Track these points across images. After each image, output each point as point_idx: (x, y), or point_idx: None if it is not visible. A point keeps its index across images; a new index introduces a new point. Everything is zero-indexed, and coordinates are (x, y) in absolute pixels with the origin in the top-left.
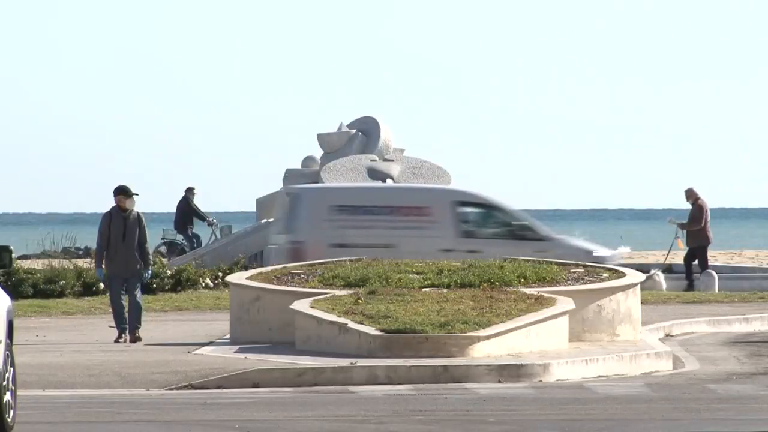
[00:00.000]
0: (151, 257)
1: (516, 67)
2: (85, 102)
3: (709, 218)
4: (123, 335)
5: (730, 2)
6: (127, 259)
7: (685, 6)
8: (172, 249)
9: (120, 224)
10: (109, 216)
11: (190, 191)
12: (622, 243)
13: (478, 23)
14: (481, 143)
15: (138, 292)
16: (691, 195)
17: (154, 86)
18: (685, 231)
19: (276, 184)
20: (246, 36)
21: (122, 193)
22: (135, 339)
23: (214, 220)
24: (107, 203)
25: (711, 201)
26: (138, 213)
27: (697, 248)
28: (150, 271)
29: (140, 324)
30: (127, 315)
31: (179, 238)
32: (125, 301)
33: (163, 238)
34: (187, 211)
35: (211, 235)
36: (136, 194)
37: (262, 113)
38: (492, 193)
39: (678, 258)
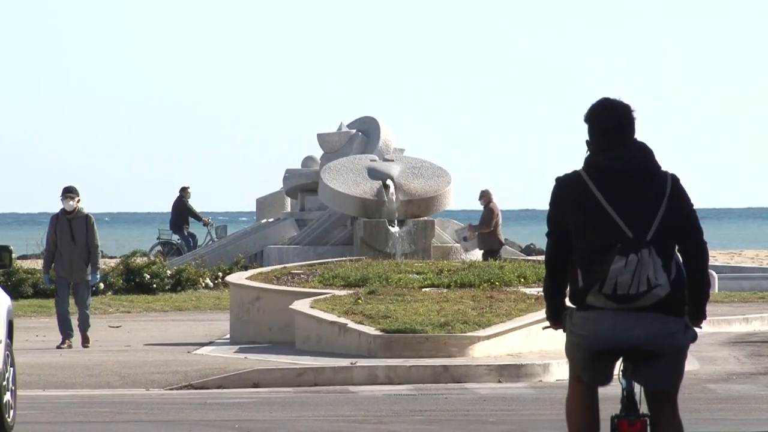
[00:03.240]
0: (99, 261)
1: (516, 67)
2: (86, 103)
3: (500, 222)
4: (67, 341)
5: (732, 3)
6: (71, 262)
7: (686, 5)
8: (168, 249)
9: (65, 226)
10: (55, 218)
11: (184, 191)
12: None
13: (478, 23)
14: (482, 143)
15: (88, 302)
16: (484, 196)
17: (154, 86)
18: (476, 233)
19: (276, 184)
20: (245, 36)
21: (63, 193)
22: (85, 344)
23: (210, 220)
24: (107, 203)
25: (712, 201)
26: (87, 214)
27: (489, 251)
28: (98, 276)
29: (89, 326)
30: (75, 322)
31: (174, 238)
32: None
33: (158, 238)
34: (182, 211)
35: (206, 235)
36: (67, 194)
37: (262, 113)
38: (491, 192)
39: None
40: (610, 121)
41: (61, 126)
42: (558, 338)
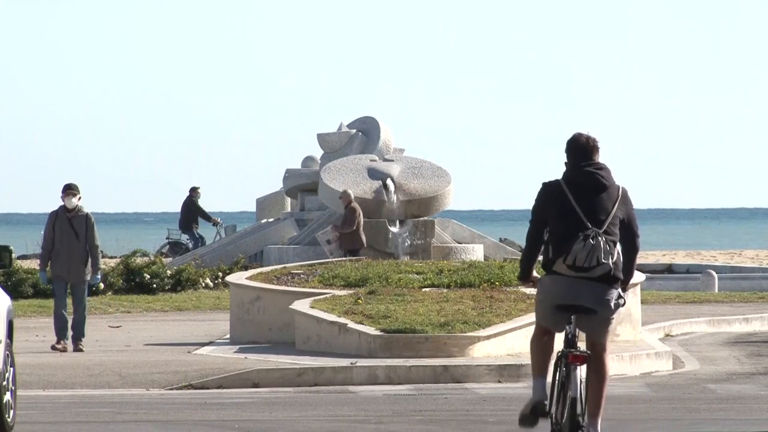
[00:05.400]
0: (100, 261)
1: (517, 67)
2: (86, 103)
3: (362, 222)
4: (62, 342)
5: (733, 4)
6: (70, 262)
7: (685, 5)
8: (177, 249)
9: (64, 224)
10: (54, 216)
11: (194, 191)
12: None
13: (478, 23)
14: (481, 143)
15: (84, 303)
16: (345, 197)
17: (155, 86)
18: (339, 235)
19: (276, 184)
20: (246, 37)
21: (65, 190)
22: (77, 349)
23: (219, 220)
24: (109, 203)
25: (713, 201)
26: (87, 213)
27: (351, 251)
28: (99, 277)
29: (84, 335)
30: (70, 325)
31: (184, 238)
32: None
33: (167, 238)
34: (192, 211)
35: (215, 234)
36: (68, 191)
37: (262, 113)
38: (491, 192)
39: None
40: (580, 149)
41: (62, 126)
42: (558, 338)
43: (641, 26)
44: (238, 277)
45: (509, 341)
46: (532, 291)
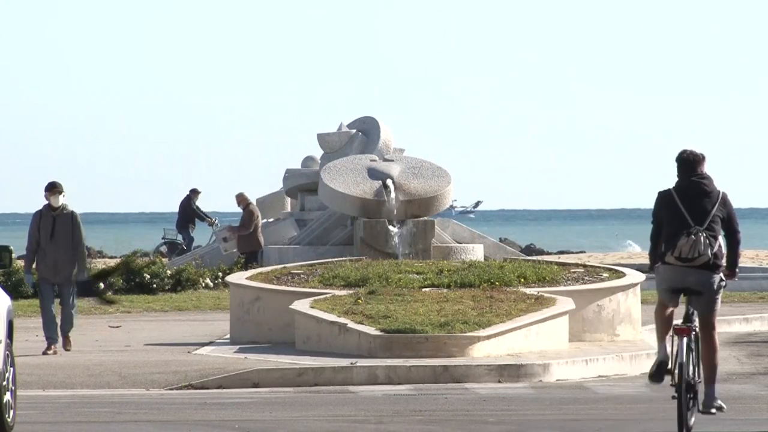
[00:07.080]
0: (86, 261)
1: (516, 68)
2: (86, 103)
3: (260, 224)
4: (53, 347)
5: (731, 6)
6: (56, 261)
7: (683, 6)
8: (173, 248)
9: (49, 224)
10: (38, 215)
11: (194, 192)
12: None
13: (478, 24)
14: (481, 143)
15: (72, 302)
16: (242, 200)
17: (154, 86)
18: (236, 235)
19: (276, 184)
20: (246, 37)
21: (49, 188)
22: (66, 344)
23: (215, 220)
24: (111, 203)
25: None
26: (72, 212)
27: (249, 253)
28: (85, 275)
29: (72, 326)
30: (59, 326)
31: (179, 238)
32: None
33: (163, 238)
34: (189, 211)
35: (211, 235)
36: (54, 190)
37: (262, 113)
38: (490, 192)
39: None
40: (686, 163)
41: (61, 126)
42: (557, 339)
43: (640, 27)
44: (238, 277)
45: (509, 341)
46: (533, 291)
